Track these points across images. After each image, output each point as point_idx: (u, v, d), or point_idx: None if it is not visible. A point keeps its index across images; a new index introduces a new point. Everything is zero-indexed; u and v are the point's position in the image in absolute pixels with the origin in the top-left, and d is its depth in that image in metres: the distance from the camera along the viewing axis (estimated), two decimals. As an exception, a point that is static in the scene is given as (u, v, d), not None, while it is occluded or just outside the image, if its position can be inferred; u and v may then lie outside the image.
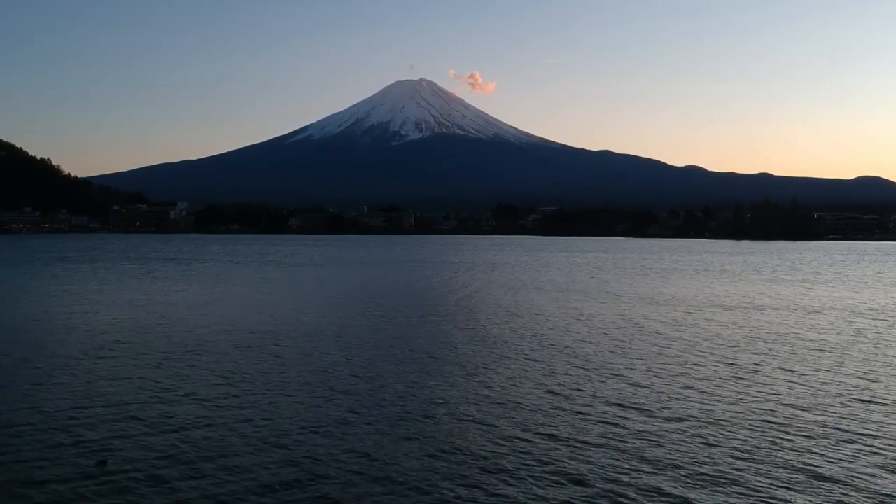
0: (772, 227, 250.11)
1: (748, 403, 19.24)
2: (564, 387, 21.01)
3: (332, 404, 18.94)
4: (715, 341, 29.64)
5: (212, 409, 18.33)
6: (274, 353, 25.98)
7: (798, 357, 26.13)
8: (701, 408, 18.78)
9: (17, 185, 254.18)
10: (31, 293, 48.24)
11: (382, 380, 21.80)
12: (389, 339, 29.78)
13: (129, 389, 20.28)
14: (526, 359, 25.41)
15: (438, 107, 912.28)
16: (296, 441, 15.87)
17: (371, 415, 17.95)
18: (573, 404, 19.04)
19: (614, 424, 17.21)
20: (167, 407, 18.48)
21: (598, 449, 15.44)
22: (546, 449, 15.43)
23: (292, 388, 20.72)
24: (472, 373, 22.97)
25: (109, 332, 30.77)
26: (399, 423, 17.22)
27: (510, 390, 20.60)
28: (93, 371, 22.67)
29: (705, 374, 22.95)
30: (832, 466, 14.44)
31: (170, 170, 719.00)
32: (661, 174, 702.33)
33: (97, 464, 14.25)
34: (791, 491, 13.17)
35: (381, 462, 14.60)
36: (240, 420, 17.42)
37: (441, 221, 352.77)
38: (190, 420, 17.34)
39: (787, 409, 18.65)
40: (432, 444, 15.76)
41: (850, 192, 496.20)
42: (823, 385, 21.50)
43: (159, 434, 16.22)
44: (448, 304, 44.00)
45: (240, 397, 19.60)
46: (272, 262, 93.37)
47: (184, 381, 21.42)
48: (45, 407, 18.27)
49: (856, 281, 65.06)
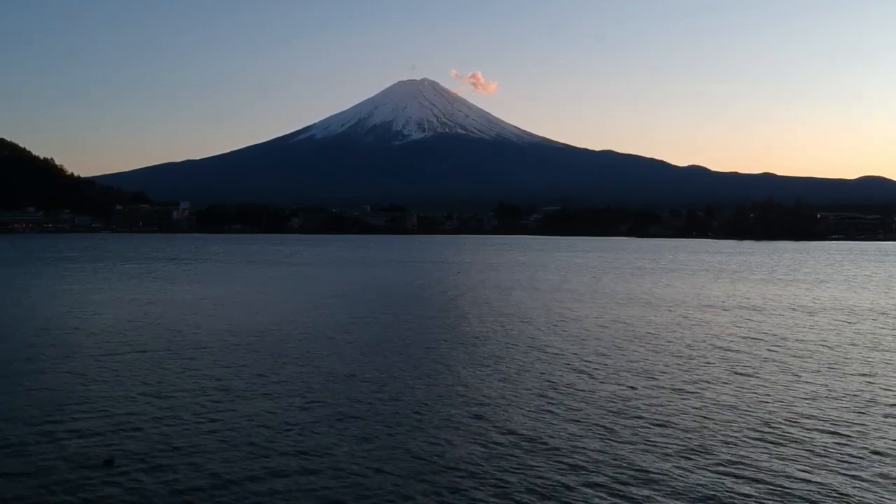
0: (774, 227, 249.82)
1: (738, 408, 19.49)
2: (557, 388, 21.32)
3: (338, 400, 19.28)
4: (696, 342, 29.86)
5: (217, 407, 18.66)
6: (276, 353, 26.27)
7: (784, 359, 26.37)
8: (678, 410, 19.06)
9: (20, 185, 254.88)
10: (34, 293, 48.55)
11: (381, 380, 22.14)
12: (381, 339, 30.06)
13: (134, 388, 20.59)
14: (520, 360, 25.71)
15: (441, 107, 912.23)
16: (301, 437, 16.18)
17: (384, 410, 18.28)
18: (565, 408, 19.36)
19: (605, 427, 17.52)
20: (171, 404, 18.81)
21: (570, 456, 15.69)
22: (535, 451, 15.76)
23: (295, 385, 21.03)
24: (465, 371, 23.29)
25: (113, 331, 31.06)
26: (393, 424, 17.56)
27: (503, 390, 20.93)
28: (97, 370, 22.96)
29: (690, 378, 23.17)
30: (826, 474, 14.67)
31: (172, 170, 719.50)
32: (663, 174, 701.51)
33: (104, 463, 14.56)
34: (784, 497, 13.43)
35: (380, 460, 14.92)
36: (245, 417, 17.74)
37: (443, 221, 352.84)
38: (196, 418, 17.67)
39: (777, 413, 18.91)
40: (417, 448, 16.06)
41: (853, 192, 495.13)
42: (817, 387, 21.74)
43: (165, 432, 16.53)
44: (445, 303, 44.27)
45: (244, 396, 19.91)
46: (269, 261, 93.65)
47: (189, 379, 21.75)
48: (50, 406, 18.59)
49: (848, 281, 65.19)
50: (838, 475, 14.19)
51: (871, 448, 15.79)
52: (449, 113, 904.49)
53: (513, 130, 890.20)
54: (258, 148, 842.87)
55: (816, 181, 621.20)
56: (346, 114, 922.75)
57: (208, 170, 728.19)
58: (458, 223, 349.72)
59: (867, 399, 20.13)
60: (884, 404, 19.55)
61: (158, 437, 16.22)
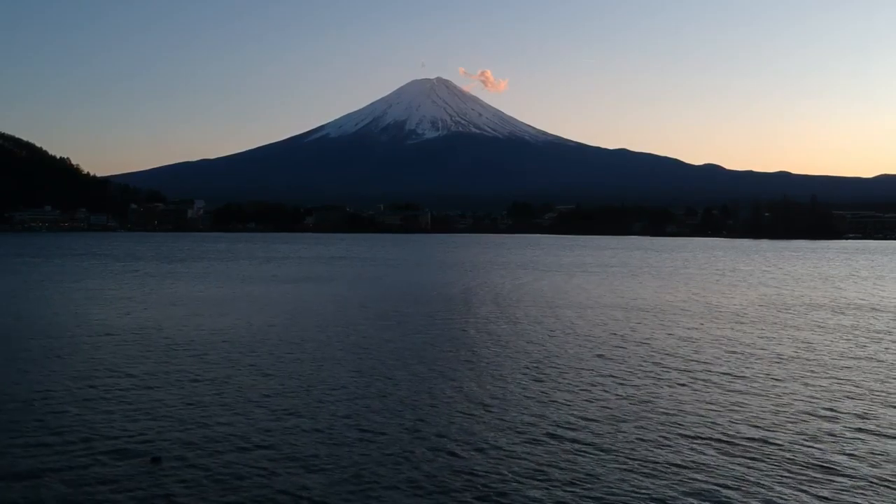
0: (790, 225, 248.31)
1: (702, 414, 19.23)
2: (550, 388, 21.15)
3: (391, 400, 19.19)
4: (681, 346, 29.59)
5: (260, 407, 18.60)
6: (319, 351, 26.21)
7: (755, 364, 26.06)
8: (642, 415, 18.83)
9: (38, 184, 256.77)
10: (64, 291, 48.74)
11: (396, 379, 22.07)
12: (384, 340, 29.98)
13: (179, 388, 20.59)
14: (522, 361, 25.53)
15: (454, 105, 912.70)
16: (346, 439, 16.09)
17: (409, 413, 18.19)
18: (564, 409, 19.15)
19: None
20: (213, 402, 18.78)
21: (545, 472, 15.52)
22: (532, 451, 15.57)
23: (342, 382, 20.95)
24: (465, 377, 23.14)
25: (144, 330, 31.12)
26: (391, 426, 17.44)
27: (498, 392, 20.77)
28: (141, 369, 22.98)
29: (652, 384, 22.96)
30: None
31: (187, 169, 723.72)
32: (679, 172, 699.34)
33: (152, 461, 14.55)
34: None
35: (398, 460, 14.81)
36: (288, 414, 17.69)
37: (457, 220, 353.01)
38: (241, 418, 17.63)
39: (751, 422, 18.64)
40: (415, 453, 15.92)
41: (870, 190, 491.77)
42: (785, 399, 21.39)
43: (210, 430, 16.50)
44: (443, 304, 44.14)
45: (283, 395, 19.83)
46: (278, 259, 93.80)
47: (232, 375, 21.74)
48: (92, 405, 18.61)
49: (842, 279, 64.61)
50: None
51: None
52: (462, 112, 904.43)
53: (526, 129, 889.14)
54: (273, 147, 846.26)
55: (833, 179, 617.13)
56: (360, 113, 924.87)
57: (223, 169, 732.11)
58: (471, 222, 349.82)
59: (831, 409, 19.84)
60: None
61: (206, 435, 16.18)
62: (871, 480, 13.79)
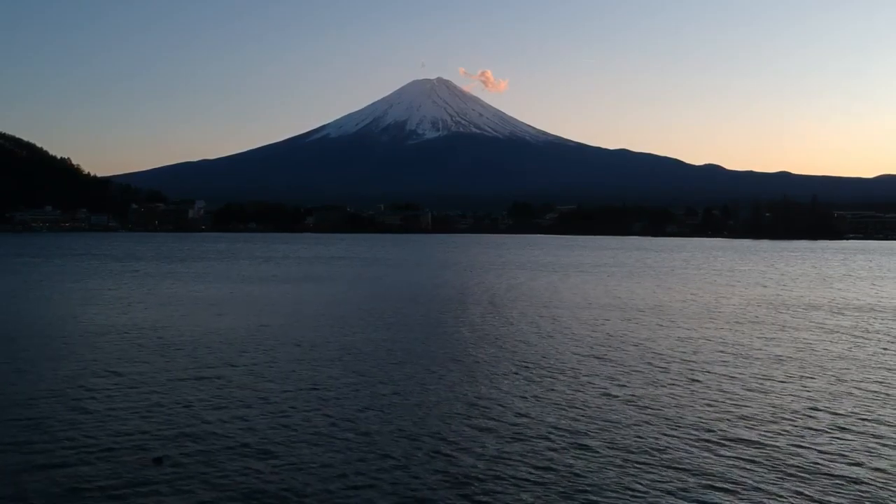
0: (791, 225, 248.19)
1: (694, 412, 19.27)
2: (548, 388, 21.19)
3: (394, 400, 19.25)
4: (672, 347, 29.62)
5: (260, 407, 18.69)
6: (324, 348, 26.29)
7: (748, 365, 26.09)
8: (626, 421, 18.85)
9: (38, 184, 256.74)
10: (63, 291, 48.80)
11: (401, 380, 22.12)
12: (385, 341, 30.03)
13: (181, 388, 20.67)
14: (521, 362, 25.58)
15: (454, 105, 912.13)
16: (349, 440, 16.17)
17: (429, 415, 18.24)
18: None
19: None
20: (218, 402, 18.87)
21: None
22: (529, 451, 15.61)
23: (334, 387, 21.03)
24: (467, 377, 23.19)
25: (147, 330, 31.22)
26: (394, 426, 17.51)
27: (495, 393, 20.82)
28: (141, 369, 23.06)
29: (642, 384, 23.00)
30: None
31: (188, 169, 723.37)
32: (679, 173, 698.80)
33: (154, 461, 14.62)
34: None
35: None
36: (288, 414, 17.78)
37: (458, 220, 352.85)
38: (243, 417, 17.72)
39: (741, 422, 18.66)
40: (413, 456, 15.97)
41: (870, 191, 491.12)
42: (774, 397, 21.44)
43: (211, 431, 16.57)
44: (442, 305, 44.20)
45: (283, 395, 19.91)
46: (278, 259, 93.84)
47: (227, 377, 21.83)
48: (92, 404, 18.70)
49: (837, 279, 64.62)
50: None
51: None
52: (463, 112, 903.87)
53: (526, 129, 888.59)
54: (273, 147, 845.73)
55: (833, 179, 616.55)
56: (361, 113, 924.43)
57: (224, 169, 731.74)
58: (472, 222, 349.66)
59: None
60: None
61: (204, 435, 16.27)
62: (871, 480, 13.85)
